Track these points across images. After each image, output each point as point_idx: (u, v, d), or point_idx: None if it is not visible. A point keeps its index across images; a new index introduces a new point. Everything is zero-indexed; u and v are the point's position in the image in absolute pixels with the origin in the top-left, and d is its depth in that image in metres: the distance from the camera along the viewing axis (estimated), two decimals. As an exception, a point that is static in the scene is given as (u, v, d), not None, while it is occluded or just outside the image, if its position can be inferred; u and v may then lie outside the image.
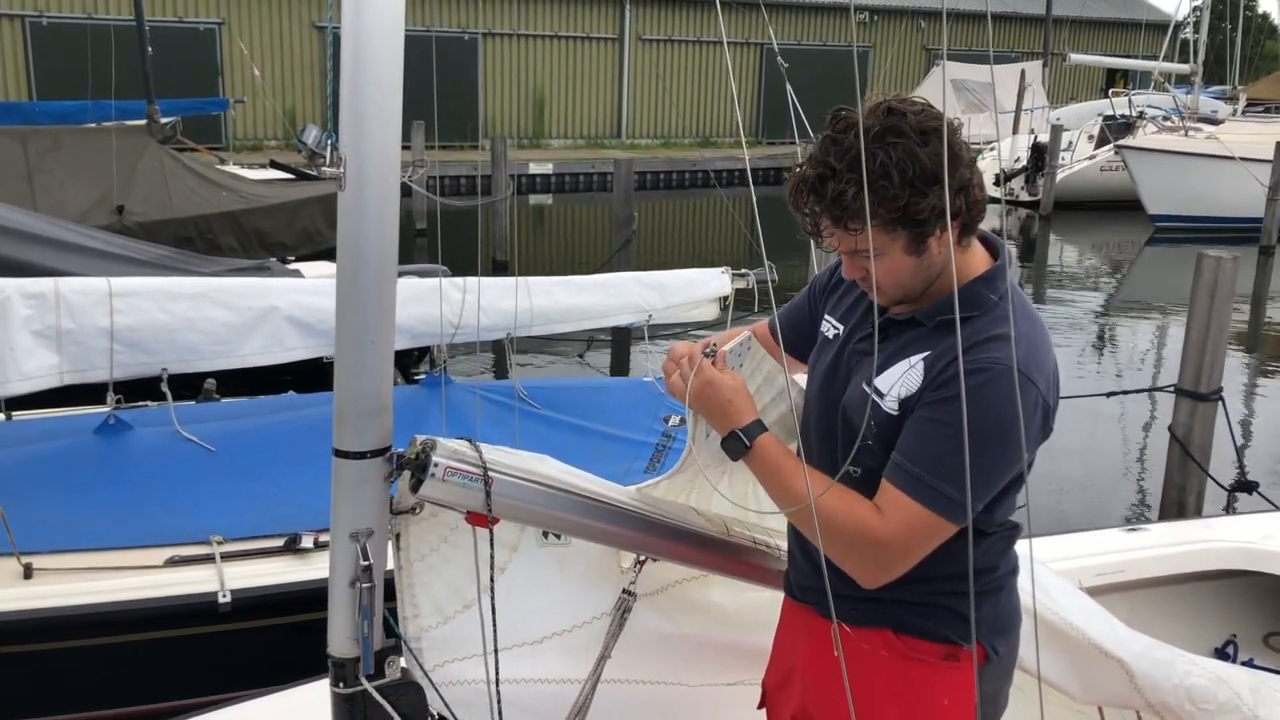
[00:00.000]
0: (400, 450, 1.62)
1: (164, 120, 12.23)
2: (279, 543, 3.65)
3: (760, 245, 1.93)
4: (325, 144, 13.35)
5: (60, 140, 9.97)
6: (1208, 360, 5.84)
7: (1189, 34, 24.21)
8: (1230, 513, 6.04)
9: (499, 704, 1.74)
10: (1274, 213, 16.35)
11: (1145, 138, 19.78)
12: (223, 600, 3.42)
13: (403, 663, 1.71)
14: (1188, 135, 19.53)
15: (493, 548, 1.75)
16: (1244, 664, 3.54)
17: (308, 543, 3.62)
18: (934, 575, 1.79)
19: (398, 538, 1.72)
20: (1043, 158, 21.05)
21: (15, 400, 4.26)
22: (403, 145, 1.63)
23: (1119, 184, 19.95)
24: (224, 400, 4.92)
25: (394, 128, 1.50)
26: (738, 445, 1.83)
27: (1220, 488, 6.18)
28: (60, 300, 4.01)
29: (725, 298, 5.35)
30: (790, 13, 28.87)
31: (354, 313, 1.54)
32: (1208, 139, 19.15)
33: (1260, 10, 42.48)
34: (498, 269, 12.99)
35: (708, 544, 2.03)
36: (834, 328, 1.99)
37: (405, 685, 1.67)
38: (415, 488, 1.61)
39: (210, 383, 4.85)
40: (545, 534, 1.90)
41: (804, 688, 1.99)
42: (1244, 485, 6.22)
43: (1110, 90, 26.08)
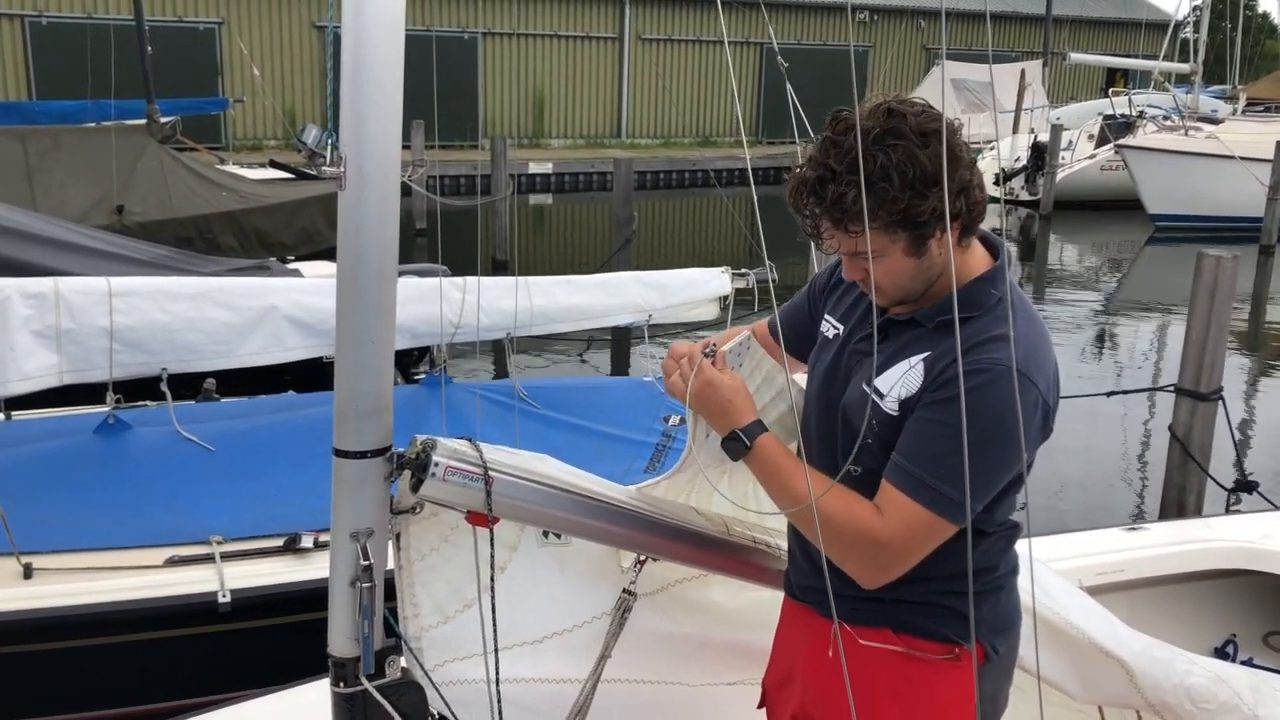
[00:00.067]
0: (400, 450, 1.62)
1: (164, 120, 12.24)
2: (279, 543, 3.65)
3: (760, 245, 1.93)
4: (325, 144, 13.35)
5: (60, 140, 9.97)
6: (1208, 360, 5.84)
7: (1189, 33, 24.21)
8: (1230, 512, 6.03)
9: (499, 704, 1.74)
10: (1274, 212, 16.35)
11: (1145, 137, 19.77)
12: (223, 600, 3.42)
13: (403, 662, 1.71)
14: (1188, 135, 19.52)
15: (493, 547, 1.75)
16: (1244, 663, 3.54)
17: (308, 543, 3.62)
18: (934, 575, 1.80)
19: (398, 537, 1.72)
20: (1043, 157, 21.03)
21: (15, 400, 4.27)
22: (403, 145, 1.63)
23: (1119, 183, 19.93)
24: (224, 400, 4.92)
25: (394, 127, 1.50)
26: (738, 445, 1.83)
27: (1220, 487, 6.17)
28: (60, 300, 4.01)
29: (725, 297, 5.35)
30: (790, 12, 28.85)
31: (354, 312, 1.54)
32: (1208, 138, 19.14)
33: (1260, 10, 42.51)
34: (498, 269, 12.98)
35: (708, 544, 2.03)
36: (834, 327, 1.99)
37: (405, 685, 1.67)
38: (415, 487, 1.61)
39: (210, 382, 4.86)
40: (545, 534, 1.90)
41: (804, 687, 1.99)
42: (1244, 485, 6.22)
43: (1110, 90, 26.05)
